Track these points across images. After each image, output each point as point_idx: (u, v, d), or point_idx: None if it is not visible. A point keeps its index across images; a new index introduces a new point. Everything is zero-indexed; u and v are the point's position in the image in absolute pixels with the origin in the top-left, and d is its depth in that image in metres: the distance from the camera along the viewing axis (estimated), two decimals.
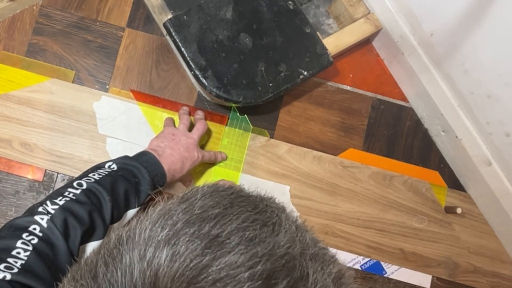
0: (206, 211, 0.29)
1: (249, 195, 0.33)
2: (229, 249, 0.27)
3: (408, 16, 0.82)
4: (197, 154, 0.76)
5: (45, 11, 0.88)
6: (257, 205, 0.32)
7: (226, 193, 0.32)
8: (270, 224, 0.30)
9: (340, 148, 0.90)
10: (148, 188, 0.66)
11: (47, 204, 0.56)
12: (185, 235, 0.27)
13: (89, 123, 0.85)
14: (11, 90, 0.84)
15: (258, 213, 0.31)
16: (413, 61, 0.86)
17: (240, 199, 0.32)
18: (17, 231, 0.52)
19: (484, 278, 0.88)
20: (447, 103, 0.83)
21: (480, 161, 0.83)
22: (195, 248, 0.26)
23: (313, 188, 0.88)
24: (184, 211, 0.29)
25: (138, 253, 0.27)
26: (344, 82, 0.93)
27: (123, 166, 0.66)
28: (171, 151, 0.73)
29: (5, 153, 0.82)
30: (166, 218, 0.29)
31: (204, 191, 0.32)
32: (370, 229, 0.88)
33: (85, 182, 0.61)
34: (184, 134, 0.78)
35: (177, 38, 0.77)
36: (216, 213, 0.29)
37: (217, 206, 0.30)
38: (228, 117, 0.88)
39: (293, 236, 0.30)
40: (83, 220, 0.56)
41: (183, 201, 0.31)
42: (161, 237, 0.27)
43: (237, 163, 0.86)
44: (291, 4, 0.84)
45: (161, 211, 0.30)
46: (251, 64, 0.80)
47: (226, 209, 0.30)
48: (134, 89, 0.87)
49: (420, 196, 0.89)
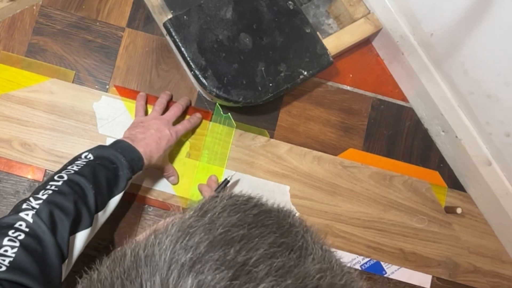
0: (229, 231, 0.28)
1: (271, 210, 0.32)
2: (258, 281, 0.25)
3: (408, 16, 0.82)
4: (169, 132, 0.76)
5: (45, 11, 0.88)
6: (280, 223, 0.30)
7: (247, 206, 0.31)
8: (297, 248, 0.28)
9: (340, 148, 0.90)
10: (127, 172, 0.67)
11: (30, 200, 0.56)
12: (210, 262, 0.25)
13: (89, 123, 0.85)
14: (11, 90, 0.84)
15: (283, 235, 0.29)
16: (413, 61, 0.86)
17: (263, 216, 0.30)
18: (3, 229, 0.52)
19: (484, 278, 0.88)
20: (447, 103, 0.83)
21: (480, 161, 0.83)
22: (222, 278, 0.25)
23: (313, 188, 0.88)
24: (206, 230, 0.28)
25: (160, 278, 0.25)
26: (344, 82, 0.93)
27: (99, 155, 0.66)
28: (143, 136, 0.73)
29: (5, 153, 0.82)
30: (188, 238, 0.27)
31: (224, 204, 0.30)
32: (370, 229, 0.88)
33: (65, 174, 0.61)
34: (154, 118, 0.78)
35: (177, 38, 0.77)
36: (241, 234, 0.27)
37: (241, 226, 0.28)
38: (212, 113, 0.88)
39: (321, 264, 0.28)
40: (69, 210, 0.57)
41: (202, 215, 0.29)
42: (184, 261, 0.25)
43: (221, 159, 0.86)
44: (291, 4, 0.84)
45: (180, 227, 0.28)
46: (251, 64, 0.80)
47: (250, 230, 0.28)
48: (118, 85, 0.87)
49: (420, 196, 0.89)
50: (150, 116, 0.80)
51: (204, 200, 0.31)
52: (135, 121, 0.79)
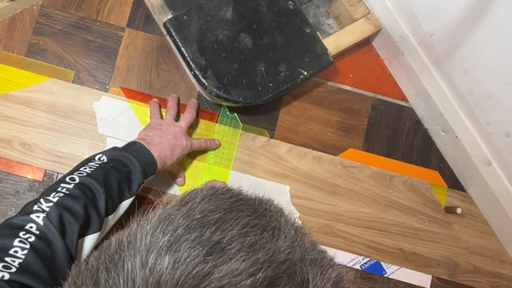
0: (206, 216, 0.29)
1: (248, 198, 0.33)
2: (231, 256, 0.27)
3: (408, 16, 0.82)
4: (185, 142, 0.76)
5: (45, 11, 0.88)
6: (256, 208, 0.32)
7: (225, 196, 0.32)
8: (270, 228, 0.30)
9: (340, 148, 0.90)
10: (140, 177, 0.66)
11: (41, 202, 0.56)
12: (186, 242, 0.27)
13: (89, 123, 0.85)
14: (11, 90, 0.84)
15: (257, 217, 0.31)
16: (413, 61, 0.86)
17: (240, 203, 0.32)
18: (14, 230, 0.52)
19: (484, 278, 0.88)
20: (447, 103, 0.83)
21: (480, 161, 0.83)
22: (197, 255, 0.26)
23: (313, 188, 0.88)
24: (185, 216, 0.29)
25: (140, 259, 0.27)
26: (344, 82, 0.93)
27: (113, 157, 0.66)
28: (159, 139, 0.73)
29: (5, 153, 0.82)
30: (167, 223, 0.29)
31: (203, 194, 0.32)
32: (370, 229, 0.88)
33: (77, 176, 0.61)
34: (171, 124, 0.78)
35: (177, 38, 0.77)
36: (217, 218, 0.29)
37: (217, 211, 0.30)
38: (218, 115, 0.88)
39: (293, 241, 0.30)
40: (79, 214, 0.56)
41: (183, 205, 0.31)
42: (162, 243, 0.27)
43: (227, 161, 0.86)
44: (291, 4, 0.84)
45: (161, 216, 0.30)
46: (251, 64, 0.80)
47: (226, 214, 0.30)
48: (124, 87, 0.87)
49: (420, 196, 0.89)
50: (167, 120, 0.79)
51: (186, 192, 0.33)
52: (152, 123, 0.79)
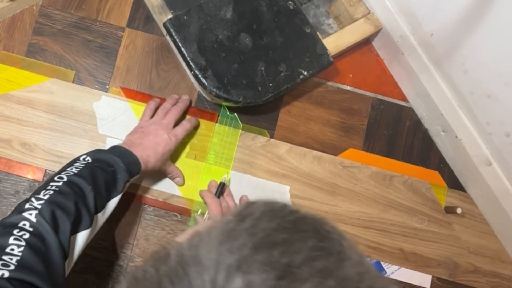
0: (271, 235, 0.29)
1: (305, 216, 0.33)
2: (302, 281, 0.26)
3: (408, 16, 0.82)
4: (167, 136, 0.77)
5: (45, 11, 0.88)
6: (317, 229, 0.32)
7: (283, 213, 0.32)
8: (335, 252, 0.30)
9: (340, 148, 0.90)
10: (125, 175, 0.67)
11: (32, 200, 0.56)
12: (256, 263, 0.27)
13: (89, 123, 0.85)
14: (11, 90, 0.84)
15: (322, 240, 0.30)
16: (413, 61, 0.86)
17: (301, 222, 0.32)
18: (7, 228, 0.52)
19: (484, 278, 0.88)
20: (447, 103, 0.83)
21: (480, 161, 0.83)
22: (269, 278, 0.26)
23: (313, 188, 0.88)
24: (249, 233, 0.29)
25: (209, 277, 0.26)
26: (344, 82, 0.93)
27: (97, 158, 0.67)
28: (140, 141, 0.74)
29: (5, 153, 0.82)
30: (231, 240, 0.29)
31: (261, 210, 0.32)
32: (370, 229, 0.88)
33: (65, 175, 0.62)
34: (153, 123, 0.78)
35: (177, 38, 0.77)
36: (283, 238, 0.29)
37: (280, 230, 0.30)
38: (218, 115, 0.88)
39: (359, 268, 0.29)
40: (70, 210, 0.57)
41: (241, 219, 0.31)
42: (231, 262, 0.27)
43: (227, 161, 0.86)
44: (291, 4, 0.84)
45: (222, 231, 0.30)
46: (251, 64, 0.80)
47: (291, 234, 0.30)
48: (124, 87, 0.87)
49: (420, 196, 0.89)
50: (151, 120, 0.80)
51: (241, 207, 0.33)
52: (136, 126, 0.80)
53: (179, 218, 0.84)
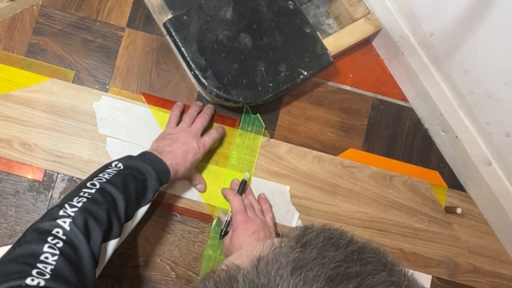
0: (341, 266, 0.29)
1: (365, 246, 0.33)
2: None
3: (408, 16, 0.82)
4: (196, 145, 0.76)
5: (45, 11, 0.88)
6: (381, 261, 0.32)
7: (344, 241, 0.32)
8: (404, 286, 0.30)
9: (340, 148, 0.90)
10: (155, 184, 0.67)
11: (66, 207, 0.56)
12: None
13: (89, 123, 0.85)
14: (11, 90, 0.84)
15: (391, 274, 0.31)
16: (413, 61, 0.86)
17: (365, 253, 0.32)
18: (42, 235, 0.52)
19: (484, 278, 0.88)
20: (447, 103, 0.83)
21: (480, 161, 0.83)
22: None
23: (313, 188, 0.88)
24: (319, 263, 0.29)
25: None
26: (344, 82, 0.93)
27: (129, 165, 0.67)
28: (170, 148, 0.74)
29: (5, 153, 0.82)
30: (304, 270, 0.28)
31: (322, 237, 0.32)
32: (370, 229, 0.88)
33: (97, 182, 0.61)
34: (182, 130, 0.78)
35: (177, 38, 0.77)
36: (355, 271, 0.29)
37: (349, 261, 0.30)
38: (239, 120, 0.88)
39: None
40: (102, 220, 0.57)
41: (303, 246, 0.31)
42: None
43: (249, 167, 0.86)
44: (291, 4, 0.84)
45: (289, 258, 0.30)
46: (251, 64, 0.80)
47: (362, 267, 0.30)
48: (145, 92, 0.87)
49: (420, 196, 0.89)
50: (178, 128, 0.79)
51: (298, 231, 0.33)
52: (163, 133, 0.79)
53: (179, 218, 0.84)
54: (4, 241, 0.81)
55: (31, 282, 0.45)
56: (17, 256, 0.50)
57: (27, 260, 0.49)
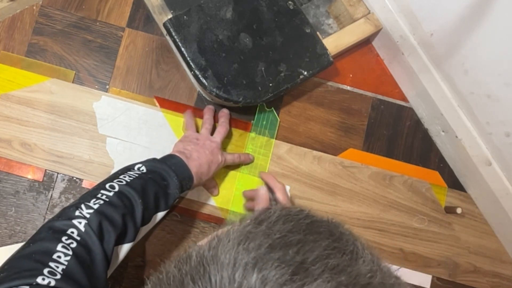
0: (286, 236, 0.31)
1: (321, 220, 0.35)
2: (315, 277, 0.28)
3: (408, 16, 0.82)
4: (220, 158, 0.77)
5: (45, 11, 0.88)
6: (332, 231, 0.33)
7: (299, 217, 0.34)
8: (348, 252, 0.31)
9: (340, 148, 0.90)
10: (176, 192, 0.66)
11: (82, 207, 0.56)
12: (271, 260, 0.28)
13: (89, 123, 0.85)
14: (11, 90, 0.84)
15: (335, 240, 0.32)
16: (413, 61, 0.86)
17: (316, 225, 0.33)
18: (56, 234, 0.52)
19: (484, 278, 0.88)
20: (447, 103, 0.83)
21: (480, 161, 0.83)
22: (283, 274, 0.27)
23: (313, 188, 0.88)
24: (265, 234, 0.31)
25: (227, 274, 0.28)
26: (344, 82, 0.93)
27: (152, 169, 0.66)
28: (197, 154, 0.73)
29: (5, 153, 0.82)
30: (248, 240, 0.30)
31: (278, 214, 0.33)
32: (370, 229, 0.88)
33: (117, 184, 0.61)
34: (208, 138, 0.78)
35: (177, 38, 0.77)
36: (297, 239, 0.30)
37: (296, 231, 0.31)
38: (251, 124, 0.88)
39: (372, 265, 0.31)
40: (117, 223, 0.57)
41: (259, 223, 0.32)
42: (247, 260, 0.29)
43: (261, 171, 0.86)
44: (291, 4, 0.84)
45: (240, 233, 0.31)
46: (251, 64, 0.80)
47: (306, 236, 0.31)
48: (158, 96, 0.87)
49: (420, 196, 0.89)
50: (204, 135, 0.79)
51: (258, 211, 0.35)
52: (189, 135, 0.78)
53: (179, 218, 0.84)
54: (4, 241, 0.81)
55: (41, 281, 0.46)
56: (30, 253, 0.50)
57: (40, 258, 0.49)
